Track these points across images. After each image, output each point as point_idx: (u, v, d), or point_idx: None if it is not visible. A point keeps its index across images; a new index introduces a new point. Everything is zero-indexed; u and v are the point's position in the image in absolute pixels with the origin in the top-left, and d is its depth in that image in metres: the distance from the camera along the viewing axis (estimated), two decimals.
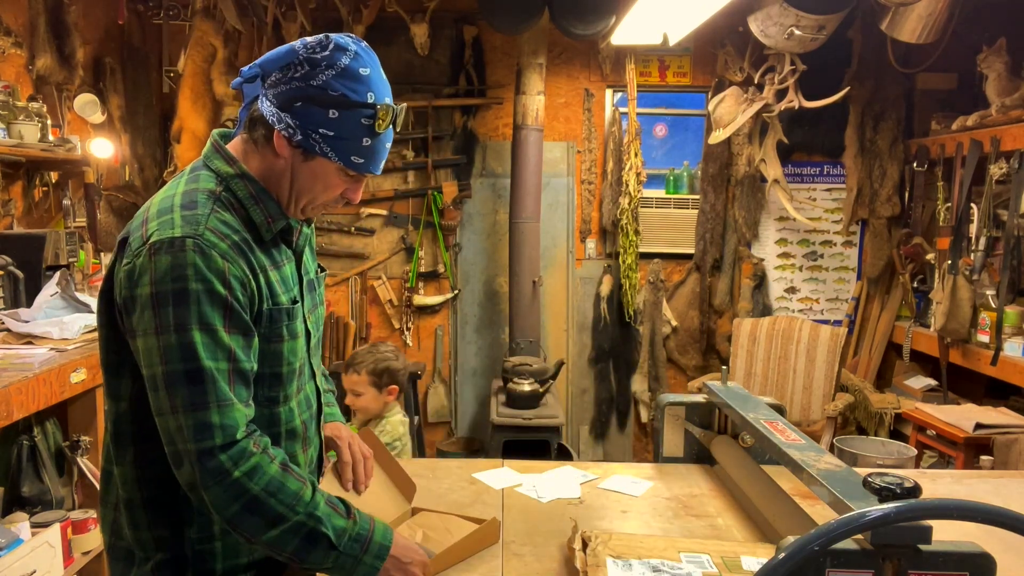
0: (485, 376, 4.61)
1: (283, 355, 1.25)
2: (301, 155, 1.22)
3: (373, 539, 1.20)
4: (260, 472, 1.13)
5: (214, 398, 1.12)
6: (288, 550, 1.15)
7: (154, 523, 1.24)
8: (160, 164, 4.29)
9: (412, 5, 4.20)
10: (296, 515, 1.14)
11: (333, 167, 1.22)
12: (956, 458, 3.22)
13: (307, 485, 1.17)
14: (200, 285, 1.12)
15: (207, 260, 1.13)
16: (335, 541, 1.16)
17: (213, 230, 1.16)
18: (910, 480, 1.01)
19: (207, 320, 1.13)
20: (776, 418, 1.63)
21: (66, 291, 2.79)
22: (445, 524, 1.46)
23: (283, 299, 1.25)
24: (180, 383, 1.11)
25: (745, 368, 3.99)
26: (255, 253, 1.21)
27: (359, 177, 1.26)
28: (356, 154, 1.21)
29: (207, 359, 1.12)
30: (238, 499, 1.12)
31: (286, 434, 1.29)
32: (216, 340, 1.13)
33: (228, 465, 1.11)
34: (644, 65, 4.46)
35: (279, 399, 1.27)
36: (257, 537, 1.14)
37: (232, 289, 1.15)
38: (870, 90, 4.26)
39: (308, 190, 1.25)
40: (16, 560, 2.20)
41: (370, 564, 1.19)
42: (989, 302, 3.45)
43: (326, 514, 1.16)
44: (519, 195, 4.09)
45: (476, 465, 1.89)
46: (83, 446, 2.71)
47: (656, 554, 1.28)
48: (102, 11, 3.96)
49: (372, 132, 1.20)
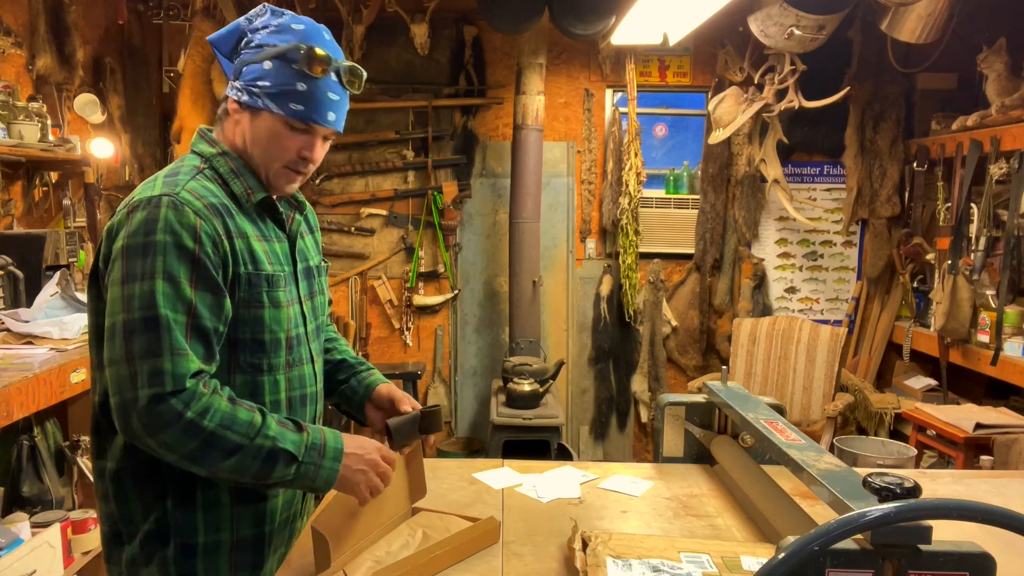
0: (485, 376, 4.61)
1: (264, 322, 1.28)
2: (249, 115, 1.29)
3: (327, 444, 1.25)
4: (212, 410, 1.17)
5: (168, 345, 1.15)
6: (251, 472, 1.20)
7: (139, 493, 1.28)
8: (160, 164, 4.29)
9: (412, 5, 4.20)
10: (252, 441, 1.18)
11: (278, 121, 1.27)
12: (956, 458, 3.22)
13: (256, 412, 1.21)
14: (169, 237, 1.17)
15: (179, 215, 1.18)
16: (295, 453, 1.21)
17: (190, 191, 1.23)
18: (910, 480, 1.00)
19: (171, 271, 1.17)
20: (776, 418, 1.63)
21: (66, 291, 2.79)
22: (445, 524, 1.46)
23: (267, 267, 1.29)
24: (138, 330, 1.15)
25: (745, 368, 3.99)
26: (236, 219, 1.27)
27: (309, 129, 1.29)
28: (294, 101, 1.25)
29: (165, 307, 1.15)
30: (195, 437, 1.15)
31: (270, 406, 1.31)
32: (178, 292, 1.17)
33: (180, 408, 1.14)
34: (644, 65, 4.46)
35: (262, 367, 1.30)
36: (218, 466, 1.18)
37: (202, 244, 1.19)
38: (870, 90, 4.26)
39: (265, 150, 1.30)
40: (16, 560, 2.20)
41: (330, 467, 1.24)
42: (989, 302, 3.45)
43: (279, 433, 1.21)
44: (519, 195, 4.10)
45: (476, 465, 1.89)
46: (83, 446, 2.71)
47: (656, 554, 1.28)
48: (102, 11, 3.96)
49: (305, 77, 1.25)
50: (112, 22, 4.04)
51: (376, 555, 1.34)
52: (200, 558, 1.29)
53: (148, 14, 4.28)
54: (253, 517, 1.33)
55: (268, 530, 1.35)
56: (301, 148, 1.30)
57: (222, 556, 1.31)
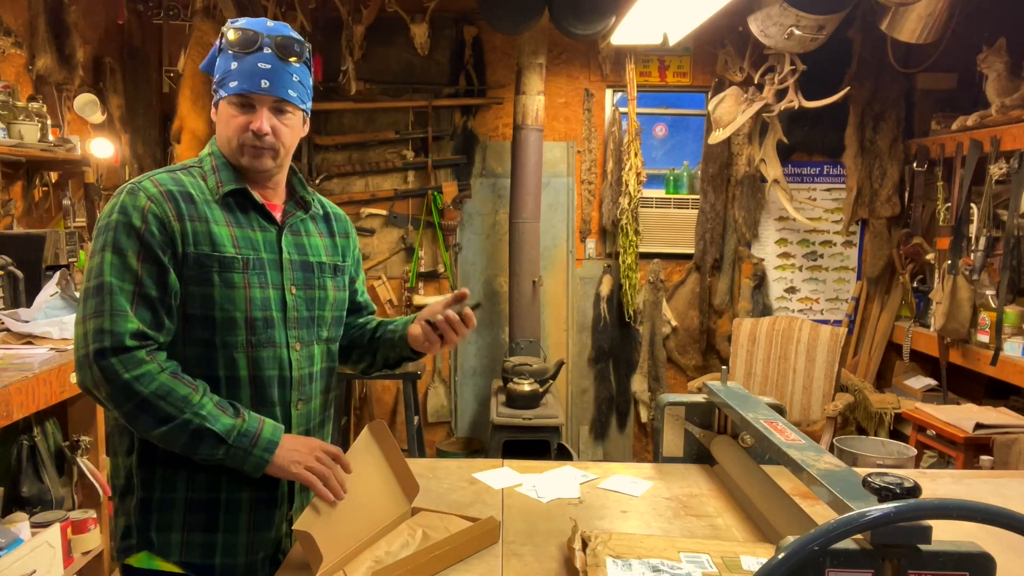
0: (485, 376, 4.61)
1: (214, 300, 1.37)
2: (215, 110, 1.44)
3: (262, 435, 1.35)
4: (149, 377, 1.29)
5: (108, 307, 1.30)
6: (179, 444, 1.32)
7: (118, 448, 1.43)
8: (160, 164, 4.28)
9: (412, 5, 4.20)
10: (183, 415, 1.29)
11: (227, 104, 1.40)
12: (956, 458, 3.22)
13: (197, 391, 1.32)
14: (122, 217, 1.33)
15: (133, 199, 1.35)
16: (223, 436, 1.31)
17: (154, 180, 1.38)
18: (910, 480, 1.00)
19: (119, 246, 1.32)
20: (776, 418, 1.63)
21: (66, 291, 2.79)
22: (445, 524, 1.46)
23: (228, 251, 1.38)
24: (90, 295, 1.32)
25: (745, 368, 3.99)
26: (200, 206, 1.39)
27: (248, 100, 1.39)
28: (231, 80, 1.39)
29: (110, 276, 1.31)
30: (130, 399, 1.29)
31: (226, 380, 1.39)
32: (124, 264, 1.32)
33: (119, 368, 1.28)
34: (644, 65, 4.46)
35: (214, 343, 1.38)
36: (149, 432, 1.31)
37: (148, 223, 1.33)
38: (870, 90, 4.26)
39: (224, 136, 1.42)
40: (16, 560, 2.20)
41: (259, 456, 1.34)
42: (989, 302, 3.45)
43: (212, 413, 1.31)
44: (519, 195, 4.09)
45: (476, 465, 1.89)
46: (83, 446, 2.71)
47: (656, 554, 1.28)
48: (102, 11, 3.96)
49: (236, 56, 1.38)
50: (112, 22, 4.04)
51: (376, 555, 1.35)
52: (155, 512, 1.39)
53: (148, 14, 4.28)
54: (206, 481, 1.40)
55: (224, 497, 1.40)
56: (249, 122, 1.39)
57: (176, 513, 1.39)
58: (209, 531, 1.40)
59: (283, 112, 1.41)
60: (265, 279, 1.43)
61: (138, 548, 1.40)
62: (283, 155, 1.45)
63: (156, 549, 1.39)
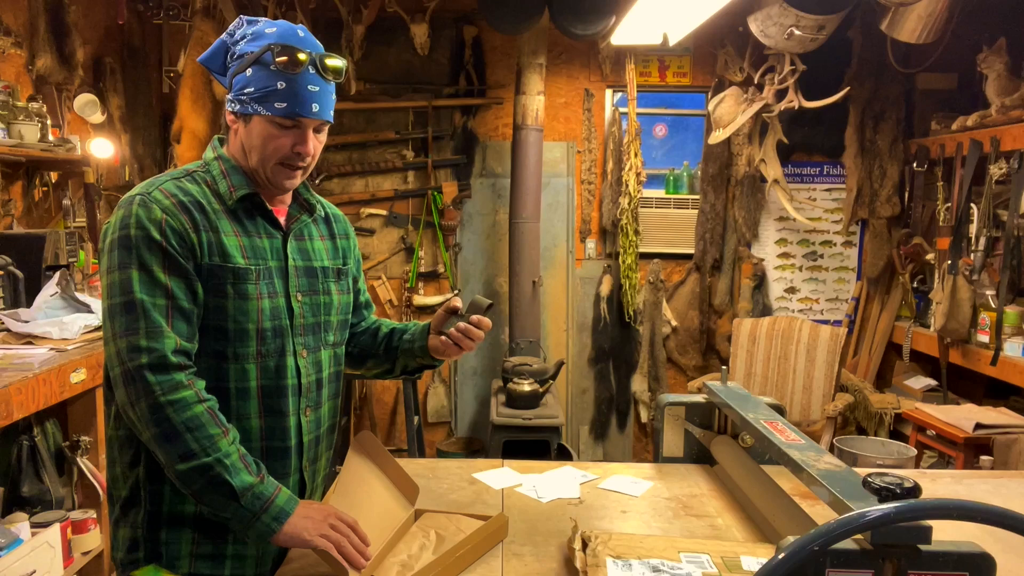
0: (485, 376, 4.61)
1: (228, 312, 1.35)
2: (243, 123, 1.38)
3: (275, 502, 1.27)
4: (183, 405, 1.24)
5: (143, 324, 1.26)
6: (193, 488, 1.25)
7: (120, 459, 1.38)
8: (160, 164, 4.29)
9: (412, 5, 4.20)
10: (207, 456, 1.23)
11: (267, 122, 1.35)
12: (956, 458, 3.22)
13: (227, 435, 1.27)
14: (140, 232, 1.29)
15: (147, 211, 1.30)
16: (237, 491, 1.24)
17: (163, 190, 1.34)
18: (910, 480, 1.00)
19: (144, 261, 1.29)
20: (776, 418, 1.63)
21: (66, 291, 2.79)
22: (454, 523, 1.46)
23: (239, 261, 1.36)
24: (119, 313, 1.27)
25: (745, 368, 3.99)
26: (211, 215, 1.36)
27: (298, 123, 1.35)
28: (277, 100, 1.33)
29: (141, 292, 1.27)
30: (159, 424, 1.23)
31: (236, 392, 1.36)
32: (153, 278, 1.28)
33: (156, 389, 1.24)
34: (644, 65, 4.46)
35: (226, 355, 1.35)
36: (170, 467, 1.25)
37: (167, 237, 1.30)
38: (870, 90, 4.26)
39: (259, 150, 1.37)
40: (16, 560, 2.20)
41: (267, 524, 1.25)
42: (989, 302, 3.45)
43: (235, 465, 1.25)
44: (519, 195, 4.09)
45: (476, 465, 1.89)
46: (83, 446, 2.71)
47: (656, 554, 1.28)
48: (102, 11, 3.96)
49: (282, 75, 1.32)
50: (112, 22, 4.04)
51: (400, 559, 1.35)
52: (165, 527, 1.36)
53: (148, 14, 4.28)
54: None
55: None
56: (293, 144, 1.36)
57: (185, 528, 1.37)
58: (219, 543, 1.38)
59: (320, 131, 1.41)
60: (273, 288, 1.41)
61: (145, 561, 1.38)
62: (310, 171, 1.45)
63: (164, 562, 1.37)
